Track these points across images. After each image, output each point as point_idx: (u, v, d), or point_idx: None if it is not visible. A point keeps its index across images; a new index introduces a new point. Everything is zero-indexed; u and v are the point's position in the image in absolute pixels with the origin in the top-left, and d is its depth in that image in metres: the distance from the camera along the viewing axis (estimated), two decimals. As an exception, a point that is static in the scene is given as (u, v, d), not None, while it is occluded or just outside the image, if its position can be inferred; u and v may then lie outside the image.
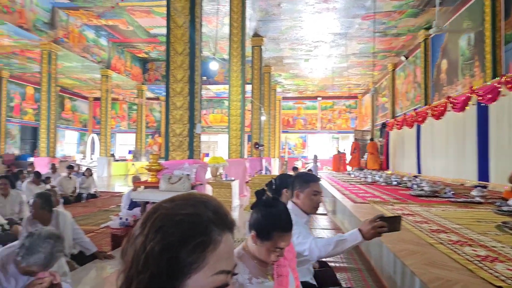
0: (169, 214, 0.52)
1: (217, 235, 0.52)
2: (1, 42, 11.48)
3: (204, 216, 0.53)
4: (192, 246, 0.50)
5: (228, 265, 0.53)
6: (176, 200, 0.55)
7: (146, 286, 0.49)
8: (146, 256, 0.49)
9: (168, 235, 0.50)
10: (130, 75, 16.43)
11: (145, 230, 0.52)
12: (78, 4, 10.79)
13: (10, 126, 16.74)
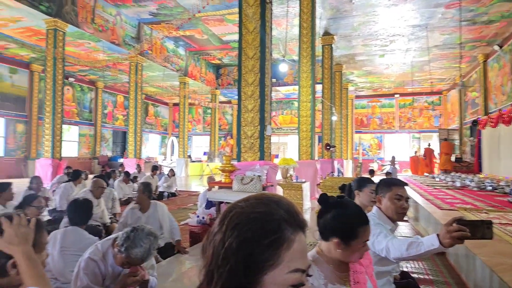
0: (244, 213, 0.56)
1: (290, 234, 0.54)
2: (97, 57, 13.13)
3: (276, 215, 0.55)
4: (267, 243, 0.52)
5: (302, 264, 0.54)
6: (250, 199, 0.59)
7: (226, 280, 0.52)
8: (225, 251, 0.53)
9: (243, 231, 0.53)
10: (205, 81, 17.41)
11: (223, 228, 0.55)
12: (160, 18, 11.81)
13: (104, 130, 19.01)
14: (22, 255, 1.02)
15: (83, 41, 11.44)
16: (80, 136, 17.47)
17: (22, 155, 14.58)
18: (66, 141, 14.41)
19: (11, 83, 14.17)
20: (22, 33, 10.89)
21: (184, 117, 16.24)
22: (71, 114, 16.73)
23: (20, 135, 14.58)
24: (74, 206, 2.75)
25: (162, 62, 13.91)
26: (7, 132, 14.10)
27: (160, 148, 24.19)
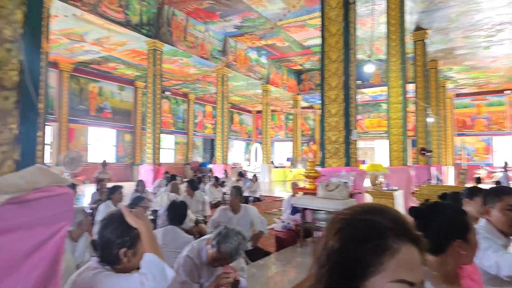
0: (347, 219, 0.58)
1: (394, 243, 0.54)
2: (188, 72, 14.32)
3: (379, 223, 0.55)
4: (368, 247, 0.53)
5: (409, 276, 0.53)
6: (355, 207, 0.61)
7: (327, 281, 0.55)
8: (327, 253, 0.56)
9: (345, 235, 0.56)
10: (287, 87, 17.56)
11: (327, 232, 0.59)
12: (244, 30, 12.35)
13: (195, 139, 20.57)
14: (145, 228, 1.30)
15: (176, 58, 12.61)
16: (176, 144, 19.21)
17: (129, 161, 16.64)
18: (164, 148, 15.98)
19: (120, 99, 16.37)
20: (128, 55, 12.50)
21: (267, 124, 16.61)
22: (168, 124, 18.53)
23: (128, 144, 16.68)
24: (172, 207, 3.00)
25: (245, 72, 14.50)
26: (117, 141, 16.29)
27: (245, 154, 25.15)
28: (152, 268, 1.23)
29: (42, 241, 1.25)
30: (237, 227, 2.16)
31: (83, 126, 14.75)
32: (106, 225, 1.35)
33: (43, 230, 1.25)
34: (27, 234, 1.21)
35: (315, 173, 4.78)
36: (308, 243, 4.30)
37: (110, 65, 14.03)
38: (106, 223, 1.36)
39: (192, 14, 11.24)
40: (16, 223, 1.18)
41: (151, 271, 1.22)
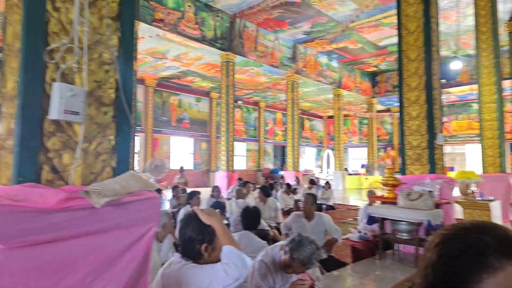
0: (447, 234, 0.58)
1: (496, 262, 0.51)
2: (259, 81, 14.67)
3: (481, 239, 0.54)
4: (465, 263, 0.52)
5: None
6: (458, 224, 0.60)
7: None
8: (425, 266, 0.57)
9: (443, 248, 0.56)
10: (360, 91, 16.85)
11: (428, 246, 0.60)
12: (314, 36, 12.25)
13: (266, 145, 20.90)
14: (218, 223, 1.44)
15: (248, 68, 13.04)
16: (247, 151, 19.77)
17: (205, 168, 17.61)
18: (237, 156, 16.55)
19: (197, 110, 17.49)
20: (203, 68, 13.32)
21: (339, 129, 16.11)
22: (240, 132, 19.18)
23: (204, 152, 17.68)
24: (246, 213, 3.08)
25: (316, 77, 14.31)
26: (194, 149, 17.37)
27: (316, 161, 24.72)
28: (232, 258, 1.32)
29: (135, 239, 1.38)
30: (311, 236, 2.12)
31: (166, 136, 16.08)
32: (186, 224, 1.48)
33: (136, 229, 1.38)
34: (123, 233, 1.35)
35: (395, 181, 4.47)
36: (388, 255, 4.02)
37: (188, 78, 15.10)
38: (185, 222, 1.50)
39: (262, 25, 11.53)
40: (113, 223, 1.32)
41: (232, 260, 1.31)
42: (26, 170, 1.23)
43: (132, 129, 1.53)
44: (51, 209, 1.16)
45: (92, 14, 1.40)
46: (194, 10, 9.91)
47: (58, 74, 1.30)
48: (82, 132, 1.34)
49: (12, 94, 1.33)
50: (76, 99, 1.29)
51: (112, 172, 1.45)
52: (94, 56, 1.41)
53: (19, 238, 1.09)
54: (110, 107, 1.45)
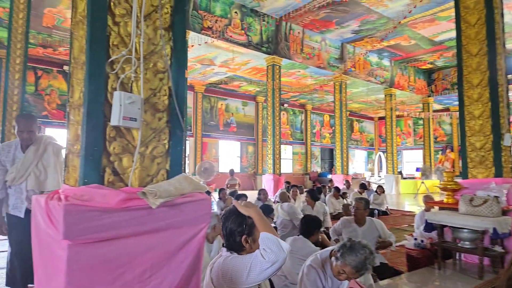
0: None
1: None
2: (306, 83, 14.52)
3: None
4: None
5: None
6: None
7: None
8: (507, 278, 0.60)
9: None
10: (414, 90, 15.94)
11: None
12: (362, 34, 11.85)
13: (313, 148, 20.57)
14: (256, 213, 1.51)
15: (294, 70, 12.97)
16: (294, 154, 19.63)
17: (252, 171, 17.79)
18: (283, 159, 16.51)
19: (243, 114, 17.77)
20: (250, 73, 13.51)
21: (392, 130, 15.35)
22: (286, 135, 19.11)
23: (250, 155, 17.89)
24: (306, 220, 3.10)
25: (365, 77, 13.82)
26: (241, 152, 17.65)
27: (366, 164, 23.81)
28: (268, 243, 1.37)
29: (188, 239, 1.44)
30: (364, 241, 2.04)
31: (214, 139, 16.55)
32: (227, 218, 1.57)
33: (188, 229, 1.44)
34: (176, 233, 1.41)
35: (455, 185, 4.14)
36: (448, 265, 3.74)
37: (235, 83, 15.41)
38: (226, 216, 1.59)
39: (309, 26, 11.41)
40: (168, 223, 1.39)
41: (268, 245, 1.37)
42: (90, 173, 1.34)
43: (184, 134, 1.60)
44: (113, 209, 1.25)
45: (147, 26, 1.49)
46: (241, 16, 10.11)
47: (118, 83, 1.41)
48: (140, 137, 1.43)
49: (79, 103, 1.46)
50: (134, 106, 1.37)
51: (166, 175, 1.52)
52: (150, 65, 1.50)
53: (85, 235, 1.19)
54: (164, 113, 1.53)
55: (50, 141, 2.58)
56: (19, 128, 2.44)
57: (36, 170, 2.47)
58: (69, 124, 1.56)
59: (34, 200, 1.53)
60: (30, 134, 2.45)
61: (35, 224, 1.49)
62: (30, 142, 2.48)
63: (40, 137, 2.53)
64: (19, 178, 2.45)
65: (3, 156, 2.44)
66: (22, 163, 2.43)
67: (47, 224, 1.29)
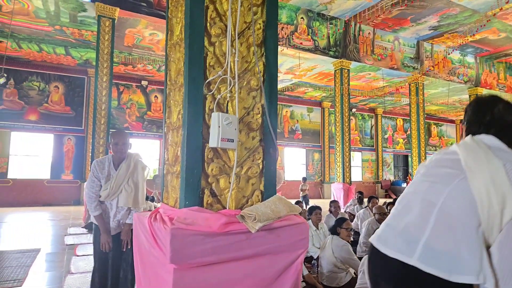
0: None
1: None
2: (376, 85, 13.76)
3: None
4: None
5: None
6: None
7: None
8: None
9: None
10: (505, 88, 14.12)
11: None
12: (442, 30, 10.86)
13: (385, 155, 19.36)
14: None
15: (363, 73, 12.39)
16: (363, 161, 18.70)
17: (319, 179, 17.36)
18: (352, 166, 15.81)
19: (308, 120, 17.48)
20: (316, 78, 13.25)
21: (477, 134, 13.74)
22: (355, 141, 18.31)
23: (316, 162, 17.49)
24: None
25: (446, 76, 12.62)
26: (307, 160, 17.34)
27: (446, 171, 21.64)
28: None
29: (286, 266, 1.36)
30: None
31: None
32: None
33: (286, 256, 1.36)
34: (274, 259, 1.34)
35: None
36: None
37: (300, 89, 15.26)
38: None
39: (380, 26, 10.82)
40: (265, 249, 1.32)
41: None
42: (191, 194, 1.33)
43: (277, 152, 1.53)
44: (215, 233, 1.22)
45: (241, 44, 1.47)
46: (307, 21, 9.98)
47: (215, 104, 1.40)
48: (236, 157, 1.40)
49: (177, 125, 1.49)
50: (231, 127, 1.35)
51: (260, 196, 1.47)
52: (243, 83, 1.47)
53: (190, 260, 1.18)
54: (258, 131, 1.49)
55: (138, 159, 2.68)
56: (114, 140, 2.55)
57: (127, 186, 2.56)
58: (167, 145, 1.60)
59: (136, 218, 1.60)
60: (124, 147, 2.57)
61: (138, 242, 1.54)
62: (124, 156, 2.59)
63: (130, 154, 2.65)
64: (112, 195, 2.57)
65: (98, 172, 2.56)
66: (116, 180, 2.54)
67: (151, 245, 1.32)
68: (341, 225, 3.56)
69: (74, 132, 12.33)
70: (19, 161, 11.59)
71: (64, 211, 9.96)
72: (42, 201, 11.38)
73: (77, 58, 11.39)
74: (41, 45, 10.15)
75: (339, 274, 3.40)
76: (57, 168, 12.00)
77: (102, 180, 2.56)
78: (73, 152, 12.29)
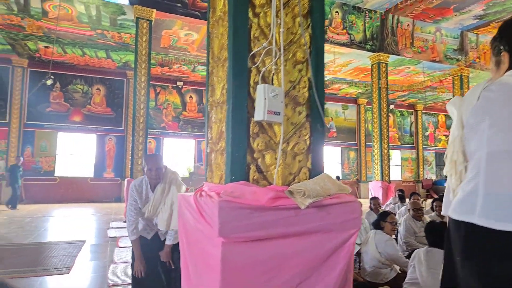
0: None
1: None
2: (416, 80, 13.14)
3: None
4: None
5: None
6: None
7: None
8: None
9: None
10: (561, 79, 12.95)
11: None
12: (488, 19, 10.15)
13: (426, 153, 18.44)
14: None
15: (402, 67, 11.87)
16: (402, 160, 17.93)
17: (355, 178, 16.87)
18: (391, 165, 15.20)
19: (343, 118, 17.05)
20: (351, 74, 12.88)
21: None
22: (393, 139, 17.61)
23: (352, 161, 17.01)
24: (432, 228, 2.66)
25: (492, 68, 11.80)
26: (342, 159, 16.91)
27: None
28: None
29: (336, 246, 1.28)
30: None
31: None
32: None
33: (337, 235, 1.28)
34: (324, 238, 1.26)
35: None
36: None
37: (335, 86, 14.91)
38: None
39: (420, 16, 10.32)
40: (315, 226, 1.25)
41: None
42: (236, 170, 1.29)
43: (325, 129, 1.45)
44: (263, 207, 1.17)
45: (286, 14, 1.41)
46: (342, 15, 9.73)
47: (260, 77, 1.35)
48: (282, 132, 1.34)
49: (221, 101, 1.46)
50: (277, 99, 1.29)
51: (308, 173, 1.40)
52: (289, 56, 1.40)
53: (237, 234, 1.13)
54: (304, 106, 1.42)
55: (173, 177, 2.66)
56: (148, 166, 2.55)
57: (164, 209, 2.57)
58: (210, 123, 1.57)
59: (180, 198, 1.58)
60: (158, 172, 2.55)
61: (183, 222, 1.52)
62: (158, 181, 2.59)
63: (165, 175, 2.63)
64: (151, 217, 2.63)
65: (137, 196, 2.58)
66: (153, 203, 2.57)
67: (198, 221, 1.29)
68: (385, 218, 3.39)
69: (114, 132, 12.88)
70: (65, 160, 12.29)
71: (106, 207, 10.41)
72: (86, 197, 11.99)
73: (116, 61, 11.89)
74: (84, 49, 10.70)
75: (383, 270, 3.24)
76: (99, 167, 12.59)
77: (140, 202, 2.59)
78: (114, 151, 12.84)
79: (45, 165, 11.94)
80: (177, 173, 2.77)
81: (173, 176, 2.68)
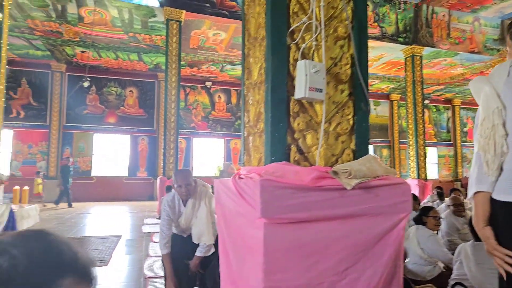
0: None
1: None
2: (454, 73, 12.50)
3: None
4: None
5: None
6: None
7: None
8: None
9: None
10: None
11: None
12: (533, 3, 9.47)
13: (465, 150, 17.48)
14: None
15: (438, 60, 11.33)
16: (439, 157, 17.11)
17: (388, 176, 16.28)
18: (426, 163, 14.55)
19: (375, 114, 16.52)
20: (383, 68, 12.45)
21: None
22: (429, 135, 16.84)
23: (385, 159, 16.45)
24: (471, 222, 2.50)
25: (539, 57, 10.99)
26: (375, 156, 16.40)
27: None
28: None
29: (385, 230, 1.19)
30: None
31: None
32: None
33: (385, 218, 1.19)
34: (372, 221, 1.18)
35: None
36: None
37: (366, 82, 14.48)
38: None
39: (456, 6, 9.80)
40: (362, 209, 1.17)
41: None
42: (277, 150, 1.24)
43: (369, 108, 1.37)
44: (306, 187, 1.11)
45: (326, -13, 1.34)
46: (373, 7, 9.43)
47: (299, 54, 1.29)
48: (324, 111, 1.27)
49: (258, 81, 1.41)
50: (319, 76, 1.23)
51: (352, 155, 1.32)
52: (330, 31, 1.33)
53: (280, 215, 1.08)
54: (346, 84, 1.34)
55: (203, 191, 2.66)
56: (177, 183, 2.56)
57: (196, 222, 2.59)
58: (247, 106, 1.53)
59: (217, 184, 1.55)
60: (188, 188, 2.55)
61: (220, 208, 1.49)
62: (189, 196, 2.60)
63: (195, 189, 2.63)
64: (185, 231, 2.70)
65: (170, 212, 2.61)
66: (185, 217, 2.60)
67: (238, 203, 1.25)
68: (428, 213, 3.21)
69: (147, 132, 13.25)
70: (101, 160, 12.79)
71: (139, 205, 10.72)
72: (120, 196, 12.40)
73: (148, 63, 12.22)
74: (117, 52, 11.08)
75: (425, 267, 3.06)
76: (133, 166, 13.00)
77: (173, 217, 2.62)
78: (147, 151, 13.20)
79: (83, 165, 12.48)
80: (208, 185, 2.77)
81: (204, 189, 2.69)
